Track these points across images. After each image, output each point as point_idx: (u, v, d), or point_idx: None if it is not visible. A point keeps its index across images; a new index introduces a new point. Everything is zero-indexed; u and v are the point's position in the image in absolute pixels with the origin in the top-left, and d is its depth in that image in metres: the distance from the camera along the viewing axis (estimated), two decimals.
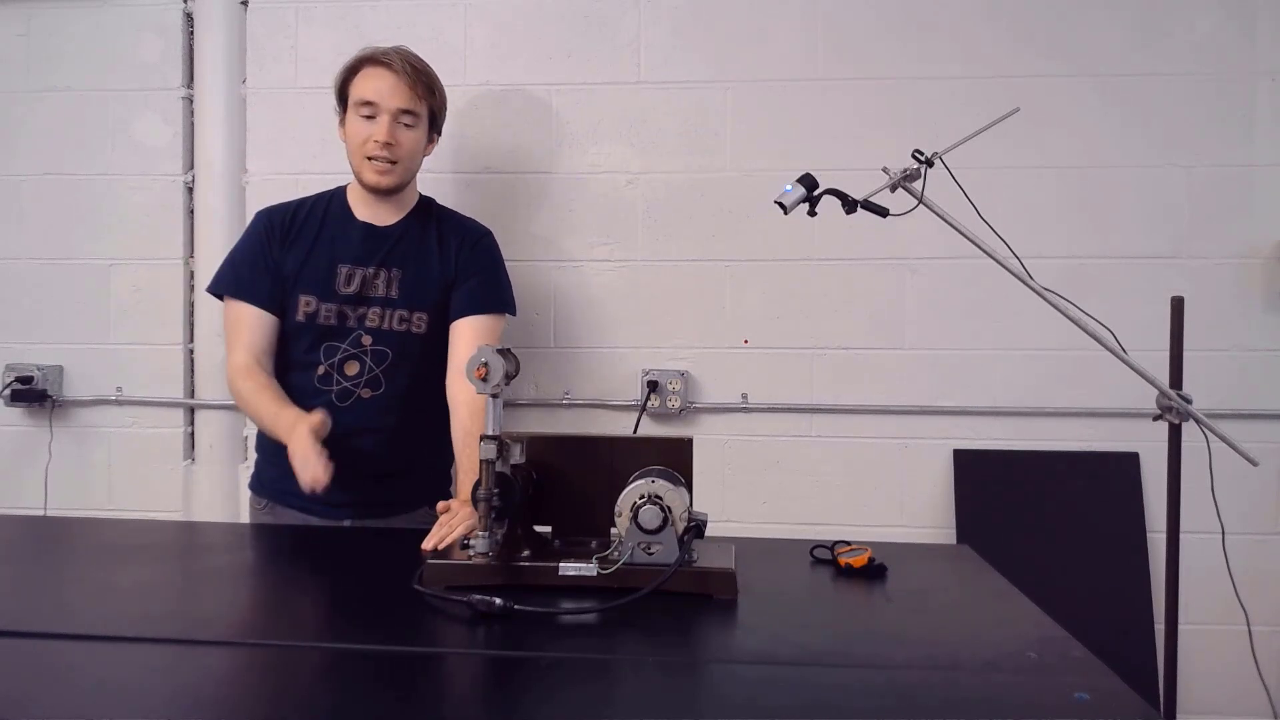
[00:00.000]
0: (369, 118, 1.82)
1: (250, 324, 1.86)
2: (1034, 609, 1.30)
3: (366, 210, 1.90)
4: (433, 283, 1.88)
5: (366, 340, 1.85)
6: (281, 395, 1.80)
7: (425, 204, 1.97)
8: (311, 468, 1.55)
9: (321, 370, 1.86)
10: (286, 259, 1.86)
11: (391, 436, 1.87)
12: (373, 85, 1.82)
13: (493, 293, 1.92)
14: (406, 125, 1.84)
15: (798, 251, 2.48)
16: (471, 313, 1.87)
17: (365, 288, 1.85)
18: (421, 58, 1.90)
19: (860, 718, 0.95)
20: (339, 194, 1.94)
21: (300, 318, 1.85)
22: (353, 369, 1.85)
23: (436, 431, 1.86)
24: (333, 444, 1.82)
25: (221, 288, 1.90)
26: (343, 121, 1.89)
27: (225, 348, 1.90)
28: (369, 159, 1.83)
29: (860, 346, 2.49)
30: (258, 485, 1.97)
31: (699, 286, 2.51)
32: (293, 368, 1.88)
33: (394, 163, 1.83)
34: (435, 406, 1.86)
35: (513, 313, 1.97)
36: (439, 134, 1.97)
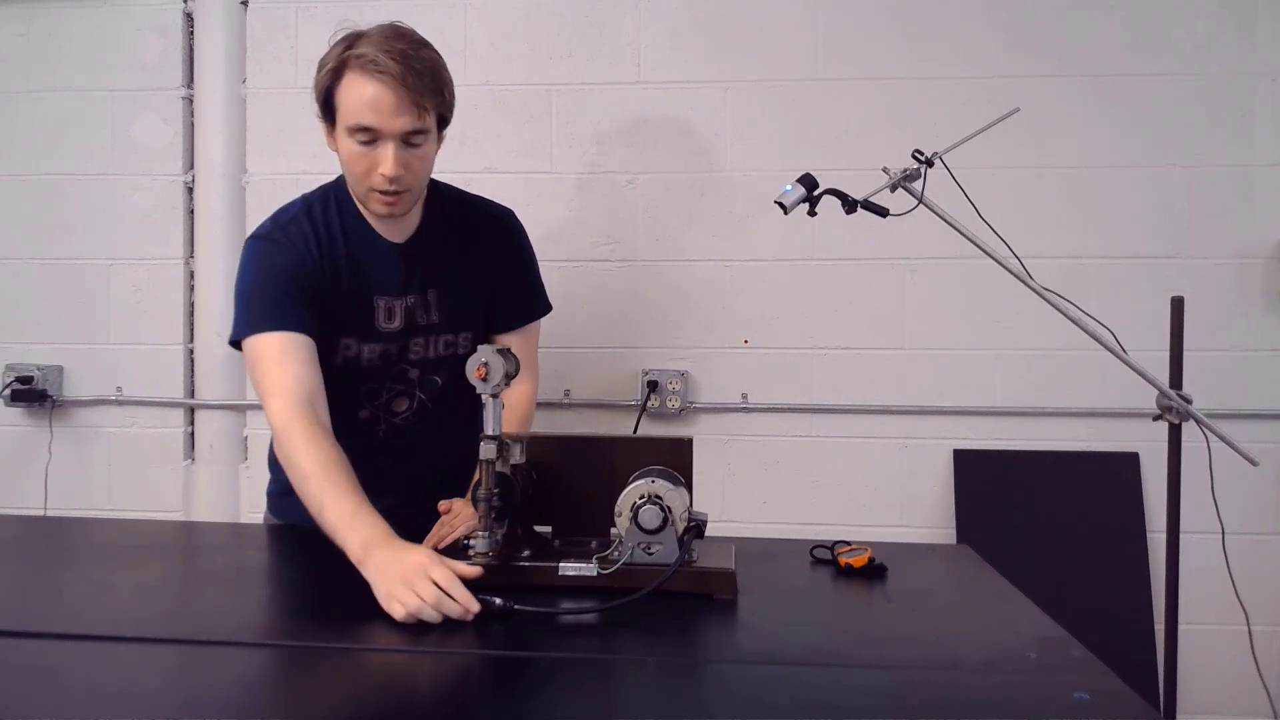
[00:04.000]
0: (368, 142, 1.48)
1: (298, 354, 1.48)
2: (1034, 609, 1.29)
3: (384, 224, 1.61)
4: (473, 297, 1.68)
5: (414, 374, 1.66)
6: (357, 487, 1.37)
7: (433, 189, 1.68)
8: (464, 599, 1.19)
9: (365, 414, 1.64)
10: (324, 291, 1.56)
11: (436, 458, 1.72)
12: (369, 106, 1.45)
13: (532, 299, 1.76)
14: (415, 145, 1.50)
15: (798, 251, 2.48)
16: (516, 327, 1.73)
17: (407, 320, 1.62)
18: (420, 42, 1.52)
19: (860, 718, 0.95)
20: (344, 200, 1.62)
21: (339, 362, 1.59)
22: (401, 405, 1.67)
23: (466, 452, 1.76)
24: (376, 476, 1.51)
25: (256, 326, 1.51)
26: (331, 132, 1.55)
27: (261, 394, 1.49)
28: (373, 190, 1.52)
29: (860, 346, 2.49)
30: (281, 513, 1.75)
31: (699, 286, 2.51)
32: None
33: (404, 191, 1.53)
34: (462, 421, 1.68)
35: (550, 308, 1.81)
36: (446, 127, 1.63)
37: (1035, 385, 2.46)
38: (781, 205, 1.65)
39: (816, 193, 1.66)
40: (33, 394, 2.59)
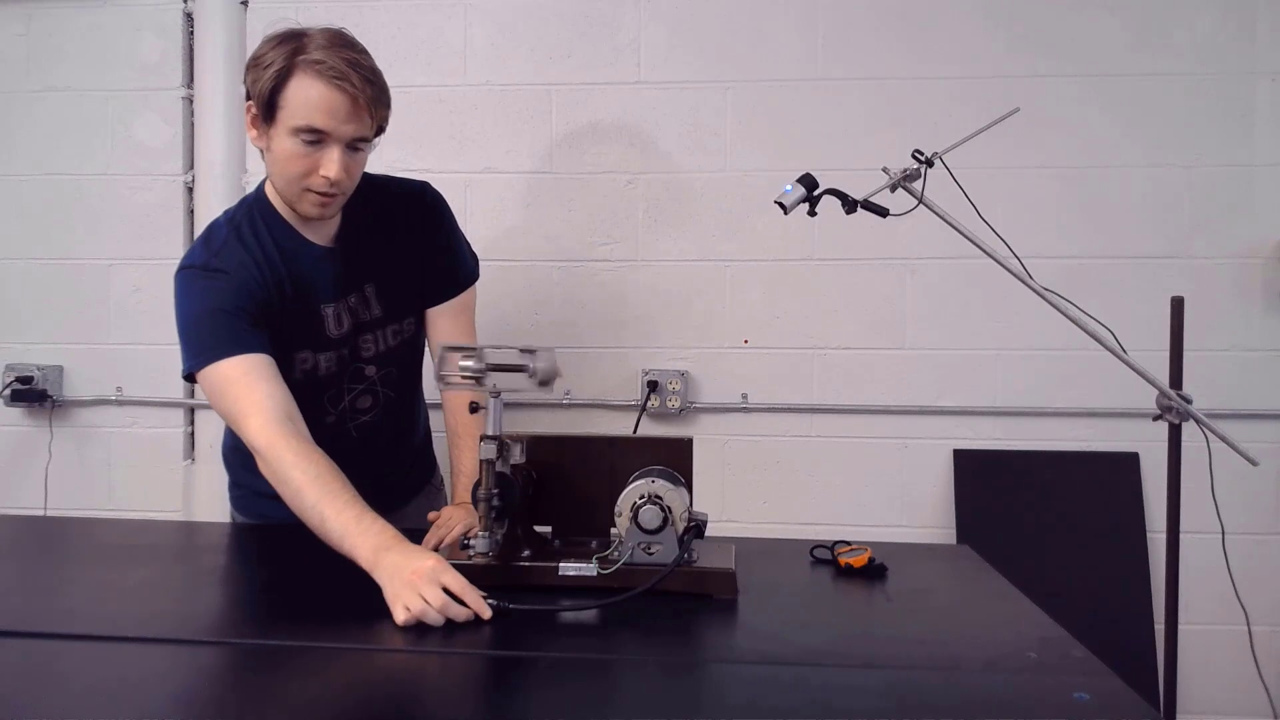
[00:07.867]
0: (313, 143, 1.47)
1: (264, 373, 1.46)
2: (1034, 609, 1.29)
3: (311, 228, 1.60)
4: (407, 281, 1.69)
5: (370, 371, 1.67)
6: (354, 493, 1.36)
7: None
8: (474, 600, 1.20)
9: (331, 419, 1.65)
10: (272, 311, 1.54)
11: (396, 439, 1.80)
12: (321, 109, 1.45)
13: (458, 271, 1.74)
14: (358, 150, 1.51)
15: (798, 251, 2.48)
16: (445, 299, 1.72)
17: (353, 320, 1.63)
18: (364, 50, 1.53)
19: (860, 718, 0.95)
20: (268, 213, 1.59)
21: (297, 375, 1.58)
22: (365, 402, 1.69)
23: (421, 417, 1.84)
24: (359, 472, 1.48)
25: (214, 354, 1.47)
26: (259, 126, 1.51)
27: (234, 417, 1.47)
28: (309, 190, 1.50)
29: (860, 346, 2.49)
30: (242, 506, 1.84)
31: (699, 286, 2.51)
32: None
33: (339, 195, 1.53)
34: (416, 392, 1.81)
35: (477, 276, 1.79)
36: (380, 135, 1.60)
37: (1035, 385, 2.46)
38: (781, 205, 1.65)
39: (816, 193, 1.66)
40: (33, 394, 2.59)
